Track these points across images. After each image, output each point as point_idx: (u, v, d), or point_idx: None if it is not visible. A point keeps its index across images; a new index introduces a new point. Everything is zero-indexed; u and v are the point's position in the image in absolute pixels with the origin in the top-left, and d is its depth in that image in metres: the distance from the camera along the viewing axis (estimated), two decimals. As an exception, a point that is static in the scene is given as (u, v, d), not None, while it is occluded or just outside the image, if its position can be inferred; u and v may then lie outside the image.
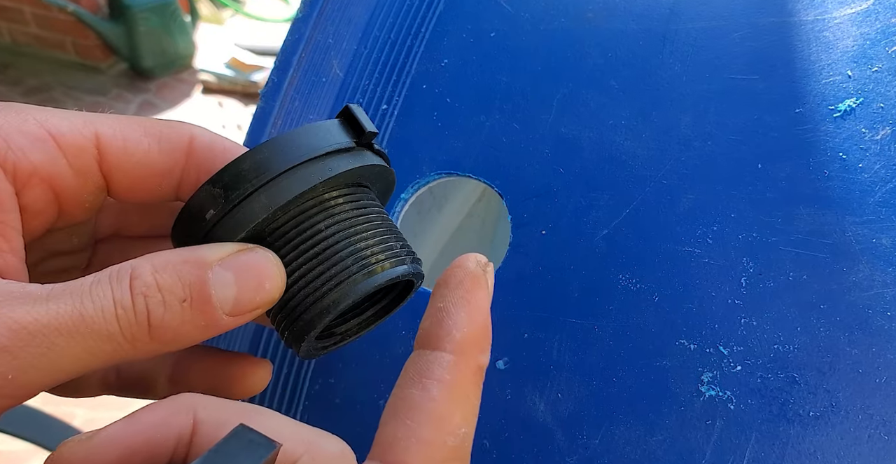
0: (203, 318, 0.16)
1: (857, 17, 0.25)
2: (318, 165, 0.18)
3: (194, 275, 0.16)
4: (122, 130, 0.18)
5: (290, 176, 0.17)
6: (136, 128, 0.19)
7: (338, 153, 0.18)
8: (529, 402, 0.24)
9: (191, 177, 0.20)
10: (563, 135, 0.27)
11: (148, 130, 0.19)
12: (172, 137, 0.19)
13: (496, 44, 0.29)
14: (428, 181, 0.28)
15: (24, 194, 0.17)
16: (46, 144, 0.17)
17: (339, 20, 0.31)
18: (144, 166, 0.19)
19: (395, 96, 0.29)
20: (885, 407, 0.21)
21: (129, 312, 0.16)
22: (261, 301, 0.17)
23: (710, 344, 0.23)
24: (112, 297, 0.15)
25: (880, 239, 0.22)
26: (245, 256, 0.17)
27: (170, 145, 0.19)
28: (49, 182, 0.18)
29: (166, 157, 0.19)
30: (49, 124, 0.17)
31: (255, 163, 0.17)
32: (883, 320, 0.22)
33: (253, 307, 0.17)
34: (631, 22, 0.27)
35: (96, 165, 0.18)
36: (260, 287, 0.17)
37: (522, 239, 0.26)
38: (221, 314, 0.17)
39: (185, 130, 0.19)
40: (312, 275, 0.18)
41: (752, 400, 0.22)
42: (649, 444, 0.22)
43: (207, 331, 0.17)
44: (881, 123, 0.23)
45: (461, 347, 0.16)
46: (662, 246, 0.24)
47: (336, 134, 0.18)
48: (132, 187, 0.19)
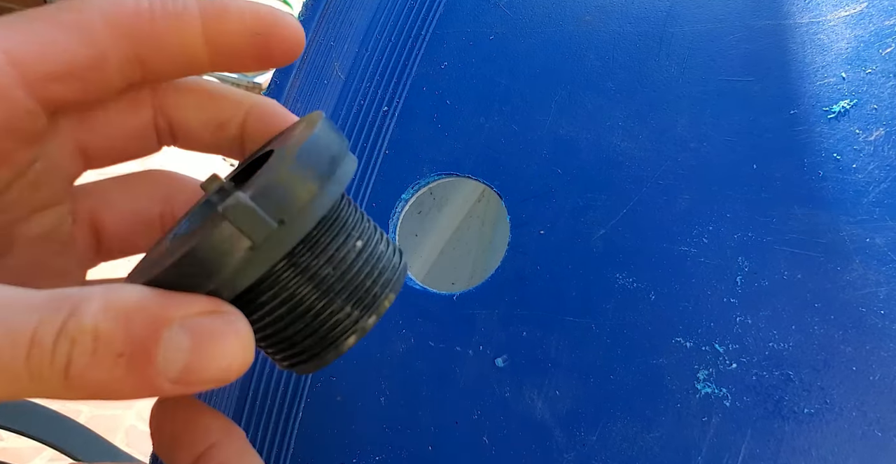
0: (138, 380, 0.14)
1: (852, 19, 0.25)
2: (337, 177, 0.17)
3: (145, 329, 0.14)
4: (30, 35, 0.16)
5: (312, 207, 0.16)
6: (42, 26, 0.16)
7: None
8: (527, 399, 0.24)
9: (127, 57, 0.17)
10: (561, 136, 0.27)
11: (54, 23, 0.16)
12: (84, 22, 0.17)
13: (495, 46, 0.29)
14: (428, 182, 0.29)
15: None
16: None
17: (340, 23, 0.31)
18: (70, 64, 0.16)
19: (396, 98, 0.30)
20: (878, 404, 0.21)
21: (46, 354, 0.13)
22: (212, 377, 0.14)
23: (706, 342, 0.23)
24: (33, 327, 0.13)
25: (874, 238, 0.22)
26: (213, 321, 0.14)
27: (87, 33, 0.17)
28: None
29: (88, 47, 0.17)
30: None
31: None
32: (876, 319, 0.22)
33: (203, 383, 0.14)
34: (627, 24, 0.28)
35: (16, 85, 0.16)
36: (217, 363, 0.14)
37: (521, 239, 0.26)
38: (164, 380, 0.14)
39: (93, 7, 0.17)
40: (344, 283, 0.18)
41: (747, 397, 0.22)
42: (646, 441, 0.23)
43: (141, 393, 0.14)
44: (875, 124, 0.24)
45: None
46: (659, 245, 0.24)
47: (337, 136, 0.18)
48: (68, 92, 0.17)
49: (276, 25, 0.18)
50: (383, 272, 0.18)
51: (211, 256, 0.14)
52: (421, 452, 0.25)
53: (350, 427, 0.26)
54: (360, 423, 0.26)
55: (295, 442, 0.27)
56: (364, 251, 0.18)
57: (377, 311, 0.18)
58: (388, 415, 0.26)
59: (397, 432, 0.25)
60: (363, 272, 0.18)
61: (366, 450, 0.26)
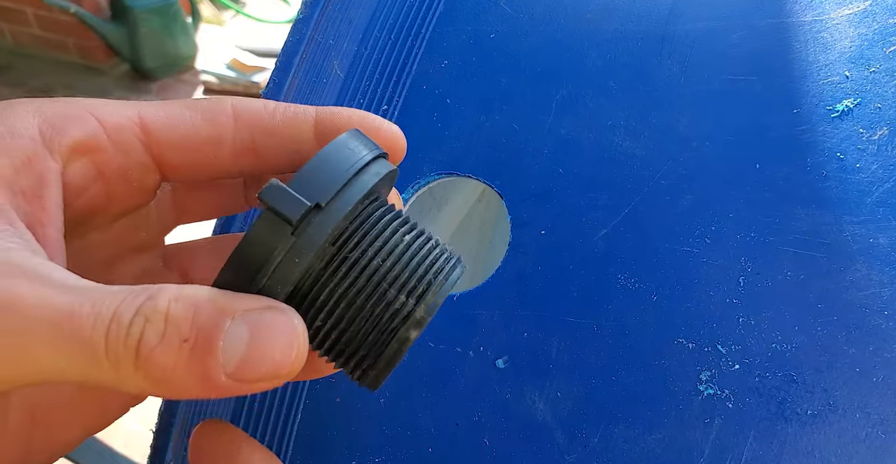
0: (200, 368, 0.15)
1: (855, 17, 0.25)
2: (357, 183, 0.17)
3: (211, 318, 0.15)
4: (164, 109, 0.19)
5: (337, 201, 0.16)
6: (178, 105, 0.19)
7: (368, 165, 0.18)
8: (529, 401, 0.24)
9: (243, 143, 0.20)
10: (562, 135, 0.27)
11: (189, 105, 0.19)
12: (214, 107, 0.19)
13: (496, 45, 0.29)
14: (428, 182, 0.28)
15: (64, 171, 0.18)
16: (87, 122, 0.18)
17: (339, 21, 0.31)
18: (191, 137, 0.19)
19: (396, 97, 0.30)
20: (882, 406, 0.21)
21: (122, 329, 0.14)
22: (266, 372, 0.15)
23: (709, 343, 0.23)
24: (116, 307, 0.14)
25: (878, 239, 0.22)
26: (272, 315, 0.15)
27: (212, 115, 0.19)
28: (90, 157, 0.18)
29: (211, 124, 0.19)
30: (88, 105, 0.18)
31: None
32: (880, 319, 0.22)
33: (256, 377, 0.15)
34: (630, 23, 0.27)
35: (138, 142, 0.19)
36: (271, 355, 0.15)
37: (522, 239, 0.26)
38: (221, 373, 0.15)
39: (225, 99, 0.20)
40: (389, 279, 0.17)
41: (750, 399, 0.22)
42: (648, 442, 0.23)
43: (203, 386, 0.15)
44: (878, 123, 0.23)
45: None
46: (661, 246, 0.24)
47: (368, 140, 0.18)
48: (183, 162, 0.19)
49: (380, 129, 0.20)
50: (435, 262, 0.18)
51: (257, 249, 0.15)
52: (421, 453, 0.25)
53: (349, 429, 0.26)
54: (360, 424, 0.26)
55: (294, 444, 0.27)
56: (412, 244, 0.18)
57: (433, 299, 0.17)
58: (387, 416, 0.26)
59: (397, 434, 0.25)
60: (413, 260, 0.17)
61: (365, 452, 0.26)
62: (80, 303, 0.14)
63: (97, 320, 0.14)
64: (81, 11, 1.73)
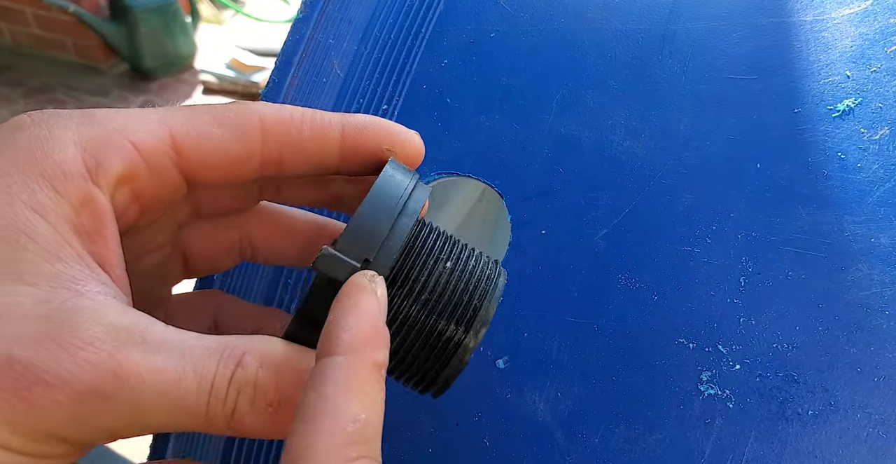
0: (280, 426, 0.17)
1: (856, 17, 0.25)
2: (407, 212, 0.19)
3: (292, 381, 0.17)
4: (194, 125, 0.19)
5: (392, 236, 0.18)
6: (206, 119, 0.19)
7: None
8: (529, 401, 0.24)
9: (270, 157, 0.20)
10: (562, 135, 0.27)
11: (218, 118, 0.20)
12: (242, 122, 0.20)
13: (496, 44, 0.29)
14: (428, 181, 0.28)
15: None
16: (126, 151, 0.18)
17: (339, 20, 0.31)
18: (222, 156, 0.20)
19: (396, 96, 0.29)
20: (883, 406, 0.21)
21: (220, 400, 0.16)
22: None
23: (710, 343, 0.23)
24: (213, 378, 0.16)
25: (879, 238, 0.22)
26: None
27: (242, 131, 0.20)
28: (129, 186, 0.18)
29: (241, 142, 0.20)
30: (128, 132, 0.18)
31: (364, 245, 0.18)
32: (881, 319, 0.22)
33: None
34: (630, 22, 0.27)
35: (172, 164, 0.19)
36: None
37: (522, 239, 0.26)
38: None
39: (253, 112, 0.20)
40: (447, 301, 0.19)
41: (750, 399, 0.22)
42: (648, 443, 0.23)
43: (279, 435, 0.17)
44: (879, 122, 0.23)
45: (351, 348, 0.16)
46: (662, 245, 0.24)
47: (403, 176, 0.20)
48: (215, 177, 0.20)
49: (405, 144, 0.22)
50: (478, 285, 0.19)
51: (316, 311, 0.17)
52: (421, 454, 0.25)
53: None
54: (360, 424, 0.26)
55: (294, 444, 0.27)
56: (455, 271, 0.19)
57: (480, 325, 0.19)
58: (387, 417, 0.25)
59: (397, 434, 0.25)
60: (458, 290, 0.19)
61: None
62: (184, 371, 0.16)
63: (199, 391, 0.16)
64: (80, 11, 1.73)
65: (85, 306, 0.16)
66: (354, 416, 0.15)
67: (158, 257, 0.23)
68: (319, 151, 0.21)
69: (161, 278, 0.23)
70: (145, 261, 0.22)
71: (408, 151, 0.22)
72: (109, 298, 0.16)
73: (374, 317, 0.17)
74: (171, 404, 0.16)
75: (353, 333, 0.16)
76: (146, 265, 0.22)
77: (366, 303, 0.17)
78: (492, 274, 0.20)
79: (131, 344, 0.16)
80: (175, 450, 0.29)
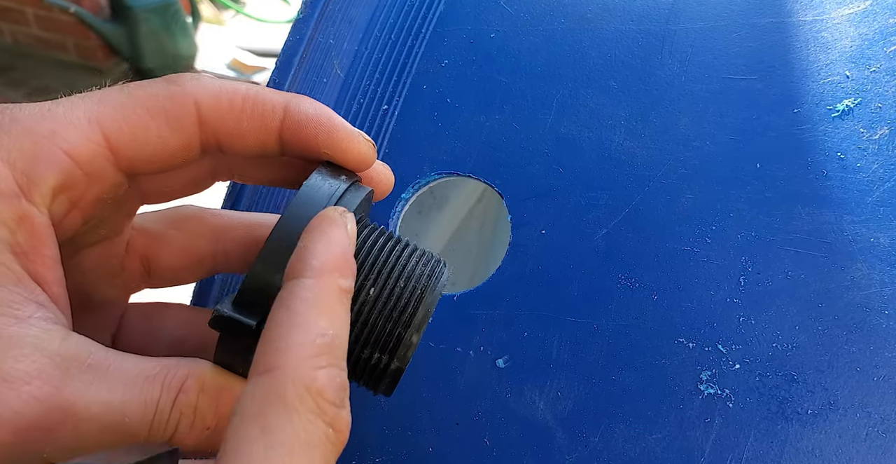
0: (213, 446, 0.17)
1: (856, 17, 0.25)
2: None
3: (228, 407, 0.17)
4: (127, 121, 0.18)
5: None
6: (139, 112, 0.18)
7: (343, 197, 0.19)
8: (529, 400, 0.24)
9: (209, 145, 0.20)
10: (562, 135, 0.27)
11: (151, 109, 0.18)
12: (177, 112, 0.19)
13: (496, 44, 0.29)
14: (428, 181, 0.28)
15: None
16: (59, 161, 0.17)
17: (339, 21, 0.31)
18: (159, 150, 0.19)
19: (396, 97, 0.30)
20: (883, 405, 0.21)
21: (162, 424, 0.17)
22: None
23: (709, 343, 0.23)
24: (157, 404, 0.17)
25: (878, 238, 0.22)
26: None
27: (178, 122, 0.19)
28: (67, 195, 0.18)
29: (178, 134, 0.19)
30: (58, 139, 0.17)
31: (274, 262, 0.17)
32: (881, 319, 0.22)
33: None
34: (630, 22, 0.27)
35: (109, 165, 0.18)
36: None
37: (522, 239, 0.26)
38: None
39: (188, 98, 0.19)
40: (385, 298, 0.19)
41: (750, 398, 0.22)
42: (648, 442, 0.23)
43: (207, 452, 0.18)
44: (879, 122, 0.23)
45: (319, 271, 0.16)
46: (661, 245, 0.24)
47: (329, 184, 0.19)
48: (155, 169, 0.19)
49: (347, 151, 0.20)
50: (406, 308, 0.19)
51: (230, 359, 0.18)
52: (421, 453, 0.25)
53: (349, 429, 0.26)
54: (360, 424, 0.26)
55: (294, 443, 0.27)
56: (380, 297, 0.19)
57: (404, 353, 0.19)
58: (388, 416, 0.26)
59: (397, 434, 0.25)
60: (381, 318, 0.19)
61: (365, 452, 0.25)
62: (130, 401, 0.16)
63: (143, 418, 0.16)
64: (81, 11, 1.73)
65: (27, 334, 0.15)
66: (323, 330, 0.15)
67: (103, 252, 0.22)
68: (258, 142, 0.20)
69: (109, 277, 0.22)
70: (88, 255, 0.21)
71: (349, 158, 0.20)
72: (51, 324, 0.16)
73: (343, 246, 0.17)
74: (115, 433, 0.16)
75: (323, 259, 0.16)
76: (89, 259, 0.21)
77: (335, 234, 0.17)
78: (426, 286, 0.19)
79: (76, 375, 0.16)
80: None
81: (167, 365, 0.17)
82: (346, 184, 0.19)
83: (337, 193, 0.19)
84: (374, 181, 0.22)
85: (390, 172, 0.23)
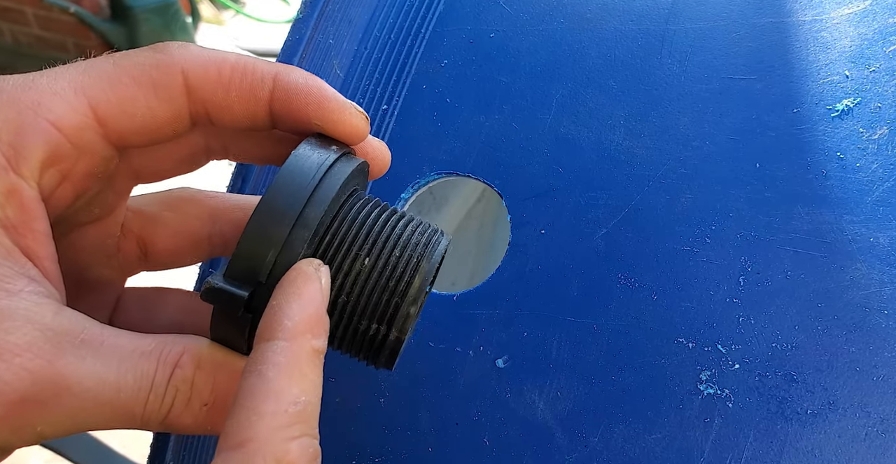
0: (212, 424, 0.17)
1: (855, 17, 0.25)
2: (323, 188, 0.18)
3: (226, 384, 0.17)
4: (114, 92, 0.18)
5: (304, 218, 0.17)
6: (126, 81, 0.18)
7: (332, 167, 0.18)
8: (528, 400, 0.24)
9: (199, 116, 0.19)
10: (562, 135, 0.27)
11: (138, 79, 0.18)
12: (165, 81, 0.18)
13: (496, 44, 0.29)
14: (428, 181, 0.28)
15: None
16: (47, 133, 0.17)
17: (339, 21, 0.31)
18: (148, 120, 0.18)
19: (395, 96, 0.30)
20: (882, 405, 0.21)
21: (158, 399, 0.16)
22: None
23: (709, 342, 0.23)
24: (152, 379, 0.16)
25: (878, 238, 0.22)
26: None
27: (166, 92, 0.18)
28: (56, 168, 0.17)
29: (167, 105, 0.18)
30: (43, 110, 0.17)
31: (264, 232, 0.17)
32: (880, 318, 0.22)
33: None
34: (629, 22, 0.27)
35: (98, 137, 0.18)
36: None
37: (522, 238, 0.26)
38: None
39: (175, 67, 0.18)
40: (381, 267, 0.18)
41: (750, 398, 0.22)
42: (648, 442, 0.23)
43: (210, 432, 0.17)
44: (878, 122, 0.23)
45: (292, 333, 0.16)
46: (661, 245, 0.24)
47: (318, 154, 0.18)
48: (145, 141, 0.19)
49: (337, 124, 0.20)
50: (402, 277, 0.19)
51: (226, 332, 0.18)
52: (421, 453, 0.25)
53: (349, 429, 0.26)
54: (360, 424, 0.26)
55: (294, 443, 0.27)
56: (375, 267, 0.18)
57: (402, 324, 0.19)
58: (387, 416, 0.26)
59: (397, 434, 0.25)
60: (377, 288, 0.18)
61: (365, 452, 0.26)
62: (125, 376, 0.16)
63: (138, 394, 0.16)
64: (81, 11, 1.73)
65: (18, 307, 0.15)
66: (295, 398, 0.15)
67: (98, 231, 0.21)
68: (248, 113, 0.19)
69: (105, 258, 0.22)
70: (82, 234, 0.21)
71: (340, 130, 0.20)
72: (42, 298, 0.16)
73: (317, 305, 0.17)
74: (110, 409, 0.16)
75: (296, 321, 0.16)
76: (83, 239, 0.21)
77: (309, 291, 0.17)
78: (422, 254, 0.19)
79: (69, 349, 0.15)
80: (175, 449, 0.29)
81: (163, 341, 0.17)
82: (337, 154, 0.19)
83: (327, 163, 0.18)
84: (368, 157, 0.21)
85: (386, 148, 0.22)
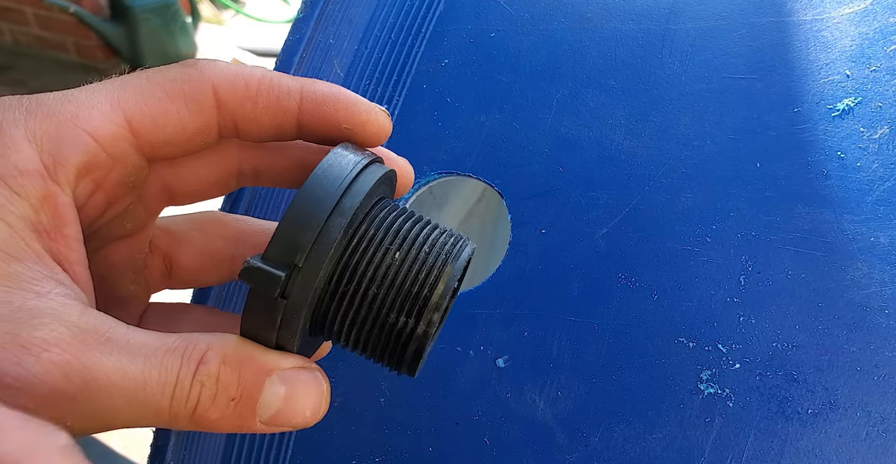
0: (241, 419, 0.17)
1: (856, 16, 0.25)
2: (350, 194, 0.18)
3: (253, 379, 0.17)
4: (147, 104, 0.19)
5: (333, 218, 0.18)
6: (159, 95, 0.19)
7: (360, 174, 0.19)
8: (529, 400, 0.24)
9: (227, 129, 0.20)
10: (562, 134, 0.27)
11: (170, 92, 0.19)
12: (196, 95, 0.19)
13: (496, 44, 0.29)
14: (428, 181, 0.28)
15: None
16: (84, 143, 0.17)
17: (339, 20, 0.31)
18: (179, 132, 0.19)
19: (396, 96, 0.30)
20: (883, 404, 0.21)
21: (184, 395, 0.17)
22: (297, 423, 0.18)
23: (709, 342, 0.23)
24: (177, 374, 0.17)
25: (878, 237, 0.22)
26: (304, 375, 0.18)
27: (196, 105, 0.19)
28: (91, 177, 0.18)
29: (197, 117, 0.19)
30: (81, 121, 0.18)
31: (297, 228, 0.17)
32: (881, 318, 0.22)
33: (287, 426, 0.18)
34: (630, 22, 0.27)
35: (131, 148, 0.19)
36: (303, 411, 0.18)
37: (522, 238, 0.26)
38: (258, 421, 0.18)
39: (206, 82, 0.19)
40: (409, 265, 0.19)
41: (750, 398, 0.22)
42: (648, 441, 0.23)
43: (239, 429, 0.18)
44: (879, 122, 0.23)
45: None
46: (662, 245, 0.24)
47: (348, 161, 0.19)
48: (174, 153, 0.20)
49: (367, 124, 0.21)
50: (431, 271, 0.19)
51: (257, 319, 0.18)
52: (421, 453, 0.25)
53: (349, 429, 0.26)
54: (360, 424, 0.26)
55: (294, 444, 0.27)
56: (405, 261, 0.19)
57: (431, 312, 0.19)
58: (388, 416, 0.26)
59: (397, 434, 0.25)
60: (407, 280, 0.19)
61: (365, 452, 0.25)
62: (150, 371, 0.16)
63: (164, 390, 0.16)
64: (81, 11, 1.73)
65: (47, 307, 0.15)
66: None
67: (128, 247, 0.22)
68: (275, 123, 0.20)
69: (133, 273, 0.23)
70: (114, 248, 0.22)
71: (369, 130, 0.21)
72: (70, 299, 0.16)
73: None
74: (137, 404, 0.16)
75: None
76: (114, 254, 0.22)
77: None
78: (449, 253, 0.19)
79: (96, 345, 0.16)
80: (176, 449, 0.29)
81: (188, 338, 0.17)
82: (369, 158, 0.19)
83: (362, 162, 0.19)
84: (397, 174, 0.22)
85: (410, 165, 0.23)
